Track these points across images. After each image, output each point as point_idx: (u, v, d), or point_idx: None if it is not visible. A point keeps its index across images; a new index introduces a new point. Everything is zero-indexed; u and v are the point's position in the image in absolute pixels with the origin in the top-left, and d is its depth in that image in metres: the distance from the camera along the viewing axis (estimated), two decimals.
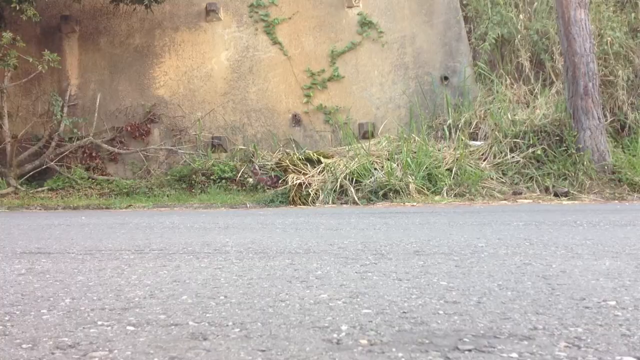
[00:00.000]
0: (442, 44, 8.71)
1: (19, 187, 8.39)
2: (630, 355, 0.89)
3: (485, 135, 7.69)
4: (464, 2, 9.12)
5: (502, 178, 6.95)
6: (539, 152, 7.06)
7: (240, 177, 7.88)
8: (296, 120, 8.74)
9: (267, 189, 7.40)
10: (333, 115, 8.64)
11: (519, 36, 8.75)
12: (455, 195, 6.47)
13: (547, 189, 6.70)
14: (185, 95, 8.99)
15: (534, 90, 8.41)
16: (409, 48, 8.72)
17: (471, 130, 7.85)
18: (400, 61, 8.71)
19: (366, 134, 8.24)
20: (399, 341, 0.98)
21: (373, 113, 8.65)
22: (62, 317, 1.20)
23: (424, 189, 6.61)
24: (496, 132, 7.47)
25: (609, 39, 8.36)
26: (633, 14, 8.78)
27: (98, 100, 9.11)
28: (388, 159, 7.01)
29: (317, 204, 6.50)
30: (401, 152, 7.08)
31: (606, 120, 7.74)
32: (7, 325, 1.14)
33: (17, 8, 7.79)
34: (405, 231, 3.04)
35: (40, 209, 7.02)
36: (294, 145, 8.54)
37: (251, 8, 8.96)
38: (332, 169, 6.97)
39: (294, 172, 7.11)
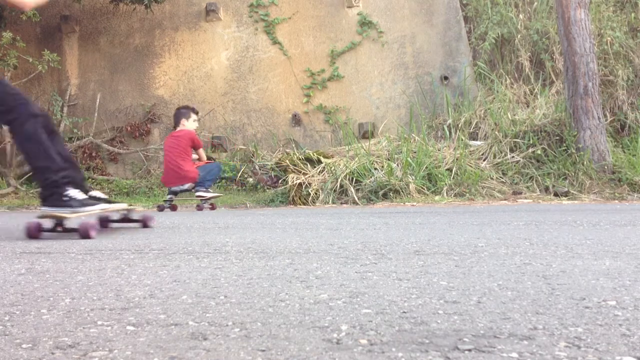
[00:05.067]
0: (442, 44, 8.71)
1: (19, 187, 8.39)
2: (630, 355, 0.89)
3: (485, 135, 7.70)
4: (464, 2, 9.12)
5: (502, 178, 6.95)
6: (539, 152, 7.07)
7: (240, 177, 7.88)
8: (296, 120, 8.74)
9: (267, 189, 7.41)
10: (333, 115, 8.64)
11: (519, 36, 8.75)
12: (455, 195, 6.47)
13: (547, 189, 6.70)
14: (185, 95, 8.99)
15: (534, 90, 8.42)
16: (409, 48, 8.72)
17: (471, 130, 7.85)
18: (400, 61, 8.71)
19: (366, 133, 8.24)
20: (399, 341, 0.98)
21: (373, 113, 8.65)
22: (62, 317, 1.20)
23: (424, 188, 6.62)
24: (496, 132, 7.47)
25: (609, 39, 8.37)
26: (633, 14, 8.79)
27: (98, 100, 9.11)
28: (388, 159, 7.01)
29: (317, 204, 6.50)
30: (401, 152, 7.09)
31: (606, 120, 7.74)
32: (7, 325, 1.14)
33: None
34: (405, 231, 3.04)
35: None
36: (294, 145, 8.54)
37: (251, 8, 8.96)
38: (332, 169, 6.97)
39: (294, 172, 7.11)
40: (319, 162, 7.23)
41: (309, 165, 7.24)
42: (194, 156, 6.19)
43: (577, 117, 6.96)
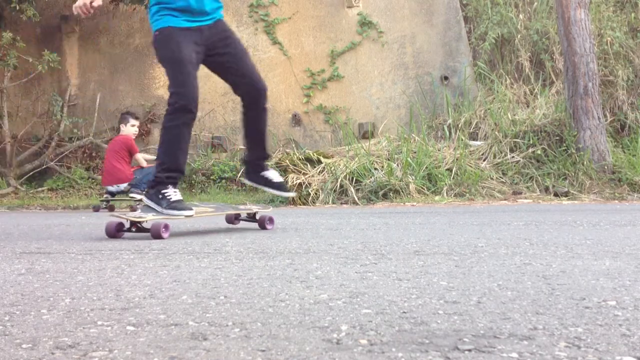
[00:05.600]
0: (442, 44, 8.71)
1: (19, 187, 8.38)
2: (630, 355, 0.89)
3: (485, 135, 7.69)
4: (464, 2, 9.12)
5: (502, 178, 6.95)
6: (539, 152, 7.06)
7: (240, 177, 7.88)
8: (296, 120, 8.73)
9: None
10: (333, 115, 8.64)
11: (519, 36, 8.75)
12: (455, 195, 6.47)
13: (547, 189, 6.70)
14: None
15: (534, 90, 8.41)
16: (409, 48, 8.72)
17: (471, 130, 7.85)
18: (400, 61, 8.71)
19: (366, 134, 8.24)
20: (399, 341, 0.98)
21: (373, 113, 8.64)
22: (62, 317, 1.20)
23: (424, 189, 6.61)
24: (496, 132, 7.47)
25: (609, 39, 8.36)
26: (633, 14, 8.79)
27: (98, 100, 9.11)
28: (388, 159, 7.01)
29: (317, 204, 6.50)
30: (401, 152, 7.08)
31: (606, 120, 7.73)
32: (7, 325, 1.14)
33: (17, 8, 7.79)
34: (405, 231, 3.04)
35: (40, 209, 7.02)
36: (294, 145, 8.54)
37: (251, 8, 8.96)
38: (332, 169, 6.97)
39: (294, 172, 7.11)
40: (319, 162, 7.23)
41: (309, 165, 7.24)
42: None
43: (577, 117, 6.96)
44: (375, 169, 6.86)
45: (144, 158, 6.54)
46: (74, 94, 9.30)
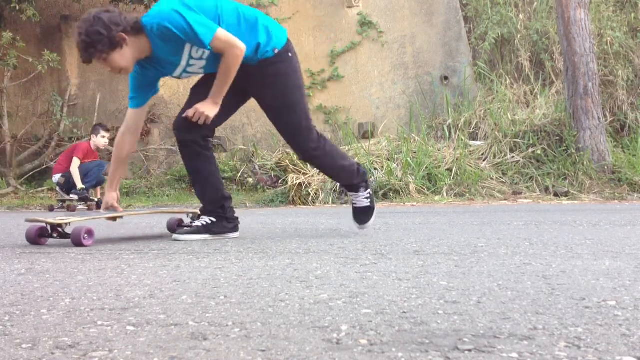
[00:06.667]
0: (442, 44, 8.71)
1: (19, 187, 8.38)
2: (630, 355, 0.89)
3: (485, 135, 7.69)
4: (464, 2, 9.12)
5: (502, 178, 6.94)
6: (539, 152, 7.06)
7: (240, 177, 7.88)
8: None
9: (267, 189, 7.40)
10: (333, 115, 8.63)
11: (519, 36, 8.75)
12: (455, 195, 6.47)
13: (547, 189, 6.70)
14: (185, 95, 8.96)
15: (534, 90, 8.41)
16: (409, 48, 8.72)
17: (471, 130, 7.85)
18: (400, 61, 8.70)
19: (366, 134, 8.24)
20: (399, 341, 0.98)
21: (373, 113, 8.64)
22: (62, 317, 1.20)
23: (424, 189, 6.61)
24: (496, 132, 7.47)
25: (609, 39, 8.36)
26: (633, 14, 8.79)
27: (98, 100, 9.10)
28: (388, 159, 7.01)
29: (317, 204, 6.50)
30: (401, 152, 7.08)
31: (606, 120, 7.73)
32: (7, 325, 1.14)
33: (17, 8, 7.78)
34: (405, 231, 3.04)
35: (40, 209, 7.01)
36: None
37: None
38: None
39: (294, 172, 7.11)
40: None
41: (309, 165, 7.24)
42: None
43: (577, 117, 6.96)
44: (375, 169, 6.86)
45: (75, 170, 6.59)
46: (74, 94, 9.29)
